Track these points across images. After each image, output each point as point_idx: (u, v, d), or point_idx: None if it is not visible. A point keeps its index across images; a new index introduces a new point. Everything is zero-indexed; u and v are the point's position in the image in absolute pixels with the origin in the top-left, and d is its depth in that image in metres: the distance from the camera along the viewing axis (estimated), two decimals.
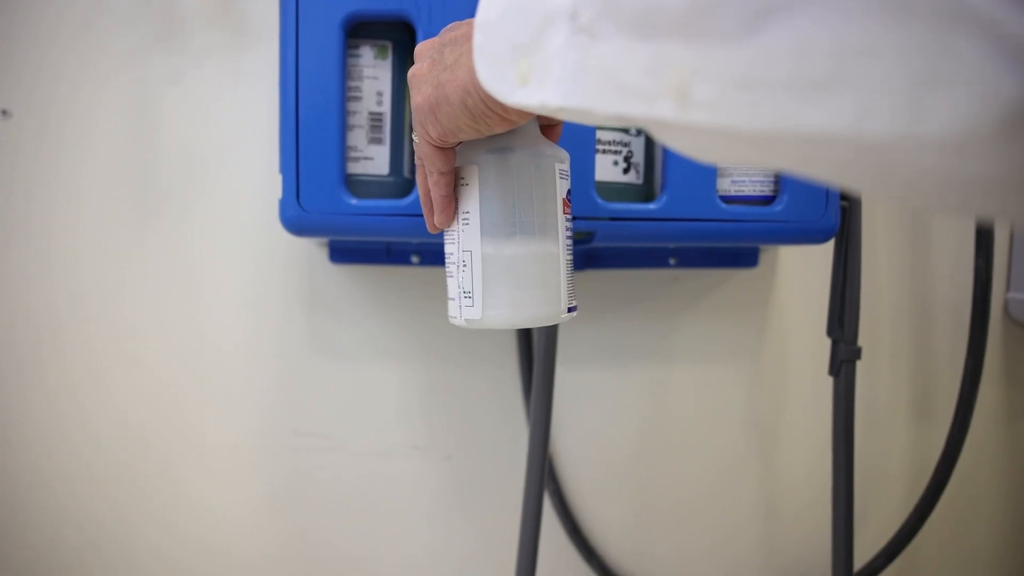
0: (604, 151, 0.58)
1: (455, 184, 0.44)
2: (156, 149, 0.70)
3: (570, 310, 0.45)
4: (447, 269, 0.46)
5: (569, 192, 0.45)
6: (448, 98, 0.37)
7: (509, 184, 0.43)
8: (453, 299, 0.45)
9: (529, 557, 0.63)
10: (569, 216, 0.45)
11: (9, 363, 0.70)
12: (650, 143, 0.62)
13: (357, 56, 0.57)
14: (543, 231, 0.43)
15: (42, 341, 0.71)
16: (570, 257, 0.45)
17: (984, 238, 0.69)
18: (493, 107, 0.36)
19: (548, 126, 0.46)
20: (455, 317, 0.45)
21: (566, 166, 0.45)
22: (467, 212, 0.44)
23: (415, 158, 0.46)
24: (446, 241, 0.46)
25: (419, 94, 0.40)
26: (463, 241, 0.44)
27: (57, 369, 0.71)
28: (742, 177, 0.60)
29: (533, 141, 0.44)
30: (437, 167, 0.42)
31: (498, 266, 0.43)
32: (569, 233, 0.45)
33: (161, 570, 0.73)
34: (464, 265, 0.44)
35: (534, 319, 0.44)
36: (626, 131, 0.59)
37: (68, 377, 0.71)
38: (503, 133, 0.43)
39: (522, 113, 0.37)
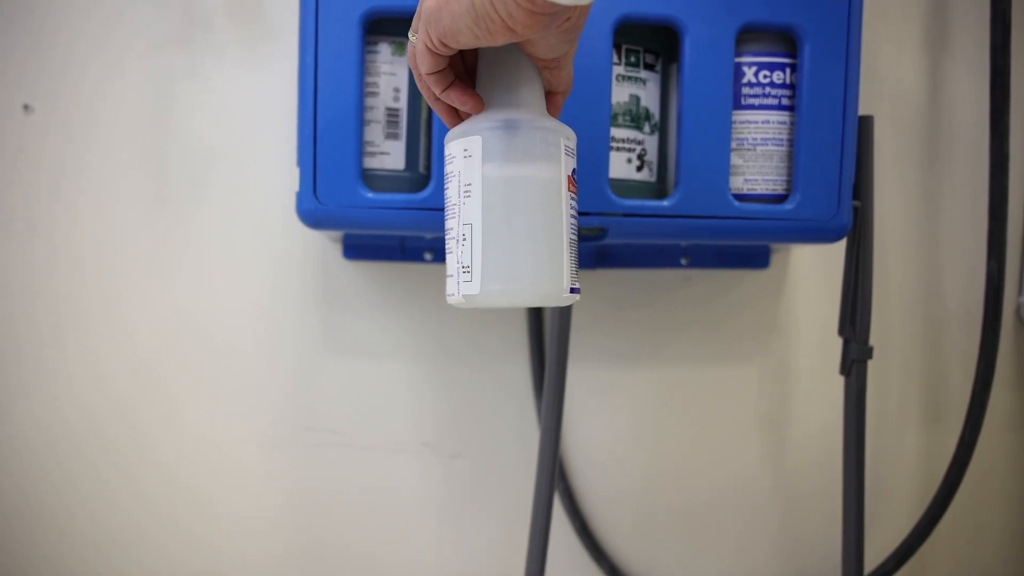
0: (618, 149, 0.59)
1: (459, 158, 0.44)
2: (173, 143, 0.71)
3: (572, 291, 0.44)
4: (447, 245, 0.45)
5: (575, 171, 0.44)
6: None
7: (513, 155, 0.42)
8: (451, 276, 0.44)
9: (539, 556, 0.63)
10: (574, 195, 0.44)
11: (24, 358, 0.71)
12: (664, 141, 0.62)
13: (375, 52, 0.58)
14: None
15: (64, 334, 0.71)
16: (574, 237, 0.44)
17: (997, 241, 0.69)
18: (499, 9, 0.36)
19: (548, 99, 0.46)
20: (452, 294, 0.44)
21: (572, 143, 0.44)
22: (468, 184, 0.43)
23: (414, 71, 0.45)
24: (447, 216, 0.45)
25: None
26: (464, 214, 0.43)
27: (54, 365, 0.71)
28: (755, 176, 0.60)
29: (539, 116, 0.44)
30: (425, 67, 0.42)
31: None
32: (574, 212, 0.44)
33: (167, 570, 0.73)
34: (464, 239, 0.43)
35: (534, 295, 0.42)
36: (640, 129, 0.60)
37: (69, 372, 0.71)
38: (509, 107, 0.43)
39: (524, 21, 0.36)
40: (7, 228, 0.70)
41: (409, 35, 0.44)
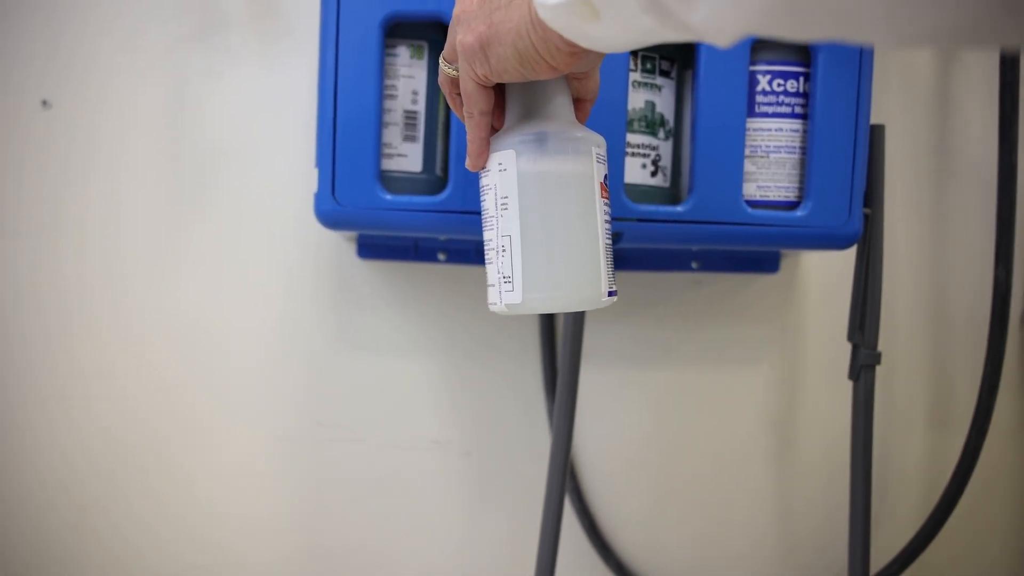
0: (633, 154, 0.60)
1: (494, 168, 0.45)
2: (190, 141, 0.71)
3: (611, 294, 0.45)
4: (486, 256, 0.46)
5: (606, 177, 0.46)
6: (501, 39, 0.38)
7: (547, 163, 0.43)
8: (492, 285, 0.46)
9: (549, 554, 0.64)
10: (607, 200, 0.46)
11: (30, 352, 0.72)
12: (678, 147, 0.63)
13: (394, 55, 0.59)
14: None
15: (76, 329, 0.72)
16: (609, 242, 0.45)
17: (1004, 248, 0.70)
18: (543, 53, 0.37)
19: (577, 105, 0.47)
20: (495, 304, 0.46)
21: (603, 150, 0.46)
22: (505, 197, 0.44)
23: (448, 95, 0.46)
24: (484, 228, 0.46)
25: (470, 32, 0.40)
26: (502, 226, 0.44)
27: (65, 359, 0.72)
28: (768, 182, 0.61)
29: (569, 126, 0.45)
30: (479, 107, 0.43)
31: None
32: (607, 217, 0.45)
33: (173, 567, 0.74)
34: (503, 250, 0.44)
35: (574, 300, 0.44)
36: (654, 135, 0.60)
37: (79, 368, 0.72)
38: (539, 118, 0.44)
39: (566, 62, 0.38)
40: (25, 223, 0.71)
41: (442, 64, 0.45)
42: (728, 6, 0.26)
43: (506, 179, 0.44)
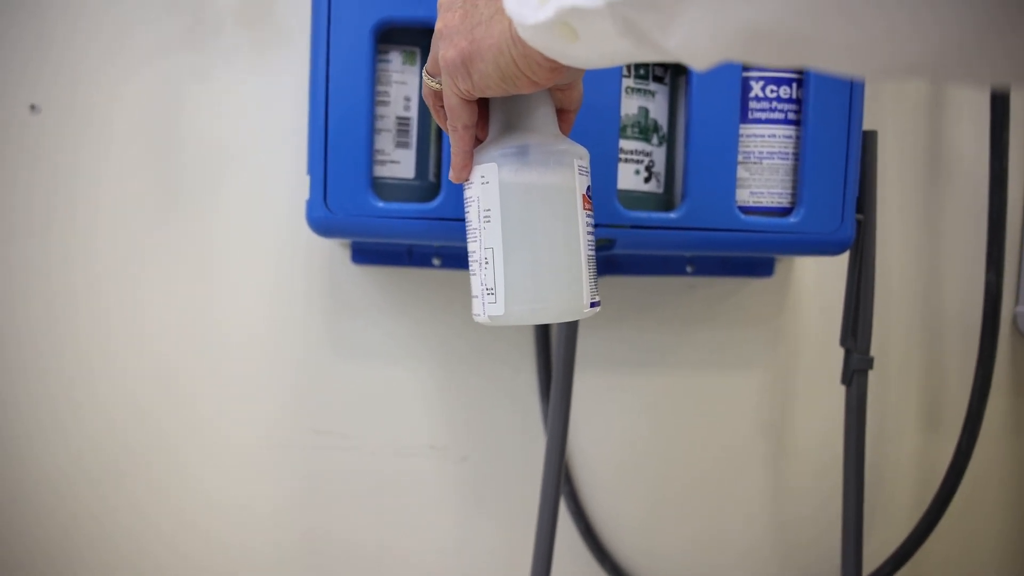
0: (626, 160, 0.59)
1: (476, 182, 0.45)
2: (181, 146, 0.71)
3: (593, 305, 0.45)
4: (470, 268, 0.46)
5: (589, 188, 0.46)
6: (482, 55, 0.39)
7: (528, 177, 0.43)
8: (476, 297, 0.46)
9: (544, 557, 0.64)
10: (590, 212, 0.46)
11: (28, 355, 0.71)
12: (671, 153, 0.63)
13: (386, 61, 0.59)
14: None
15: (62, 335, 0.71)
16: (591, 253, 0.45)
17: (995, 253, 0.70)
18: (524, 69, 0.38)
19: (561, 116, 0.47)
20: (479, 315, 0.46)
21: (585, 162, 0.46)
22: (488, 210, 0.44)
23: (432, 108, 0.47)
24: (468, 240, 0.46)
25: (452, 47, 0.40)
26: (485, 238, 0.44)
27: (75, 363, 0.72)
28: (761, 188, 0.61)
29: (552, 139, 0.45)
30: (462, 121, 0.43)
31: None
32: (590, 229, 0.45)
33: (177, 566, 0.74)
34: (486, 262, 0.44)
35: (556, 312, 0.44)
36: (648, 141, 0.60)
37: (86, 372, 0.72)
38: (522, 131, 0.44)
39: (547, 77, 0.38)
40: (7, 228, 0.71)
41: (425, 77, 0.45)
42: (702, 34, 0.27)
43: (488, 192, 0.44)
